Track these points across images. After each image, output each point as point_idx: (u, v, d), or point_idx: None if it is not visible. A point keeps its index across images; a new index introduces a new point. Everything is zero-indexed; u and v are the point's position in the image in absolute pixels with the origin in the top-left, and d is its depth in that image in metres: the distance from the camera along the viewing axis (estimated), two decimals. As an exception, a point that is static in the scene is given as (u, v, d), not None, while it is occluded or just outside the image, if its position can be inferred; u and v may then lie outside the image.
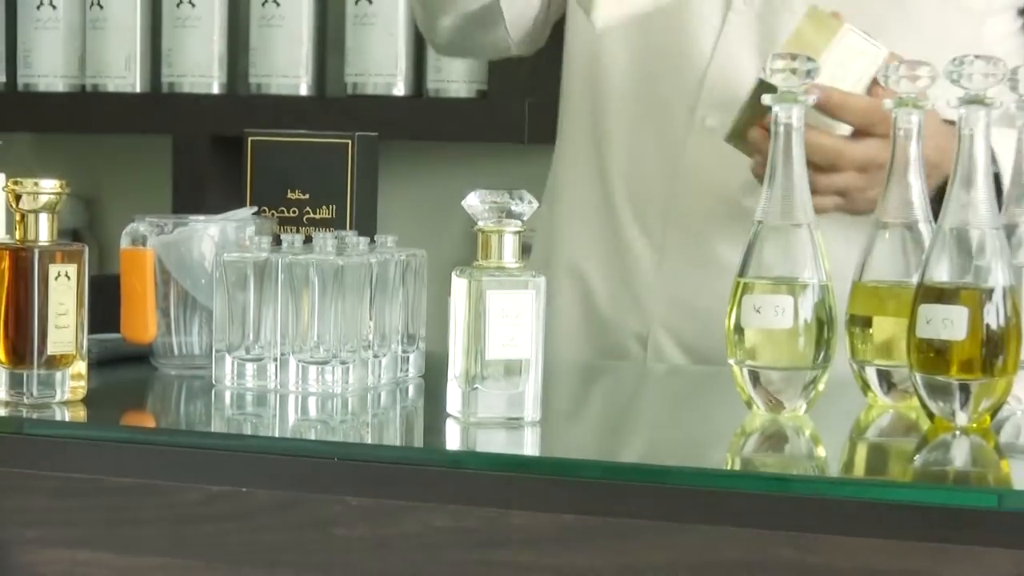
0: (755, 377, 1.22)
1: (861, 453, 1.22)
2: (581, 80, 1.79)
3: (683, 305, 1.46)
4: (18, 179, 1.21)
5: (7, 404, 1.21)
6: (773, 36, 1.62)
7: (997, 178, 1.34)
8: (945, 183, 1.28)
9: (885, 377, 1.25)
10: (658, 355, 1.64)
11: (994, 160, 1.38)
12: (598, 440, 1.24)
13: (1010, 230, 1.21)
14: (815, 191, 1.39)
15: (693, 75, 1.66)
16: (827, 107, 1.41)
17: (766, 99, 1.24)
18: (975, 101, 1.16)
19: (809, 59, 1.24)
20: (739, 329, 1.22)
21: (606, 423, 1.27)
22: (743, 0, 1.59)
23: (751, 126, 1.47)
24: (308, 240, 1.32)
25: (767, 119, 1.34)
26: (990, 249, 1.15)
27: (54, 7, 2.69)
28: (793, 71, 1.22)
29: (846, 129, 1.42)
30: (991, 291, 1.14)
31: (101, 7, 2.66)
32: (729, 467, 1.15)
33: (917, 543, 0.99)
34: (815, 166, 1.40)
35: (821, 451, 1.20)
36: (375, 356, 1.31)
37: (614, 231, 1.64)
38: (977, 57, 1.17)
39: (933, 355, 1.15)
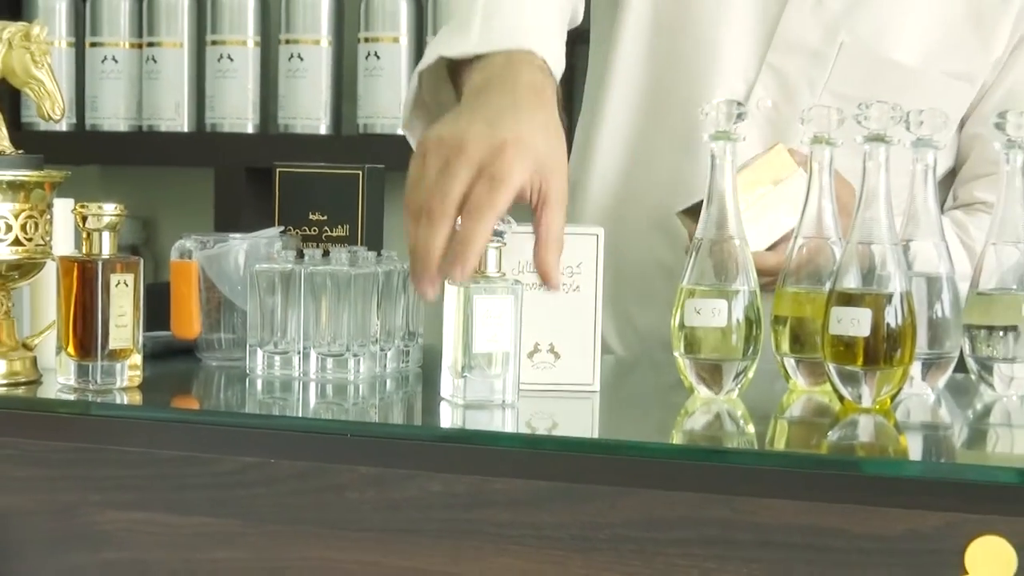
0: (695, 366, 1.23)
1: (783, 429, 1.22)
2: None
3: (663, 342, 1.40)
4: (84, 203, 1.22)
5: (76, 390, 1.21)
6: (781, 127, 1.57)
7: None
8: None
9: (803, 366, 1.25)
10: None
11: None
12: (566, 418, 1.23)
13: (906, 246, 1.22)
14: None
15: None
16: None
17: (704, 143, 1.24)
18: (876, 138, 1.16)
19: (738, 104, 1.24)
20: (682, 326, 1.22)
21: (574, 404, 1.27)
22: (756, 105, 1.53)
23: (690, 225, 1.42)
24: (326, 254, 1.31)
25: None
26: (890, 261, 1.15)
27: (116, 61, 2.67)
28: (727, 115, 1.22)
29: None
30: (890, 296, 1.14)
31: (155, 61, 2.63)
32: (672, 441, 1.15)
33: (829, 504, 1.00)
34: None
35: (750, 428, 1.20)
36: (381, 349, 1.29)
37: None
38: (878, 101, 1.17)
39: (843, 348, 1.15)
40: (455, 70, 1.36)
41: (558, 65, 1.34)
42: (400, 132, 2.48)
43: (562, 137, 1.24)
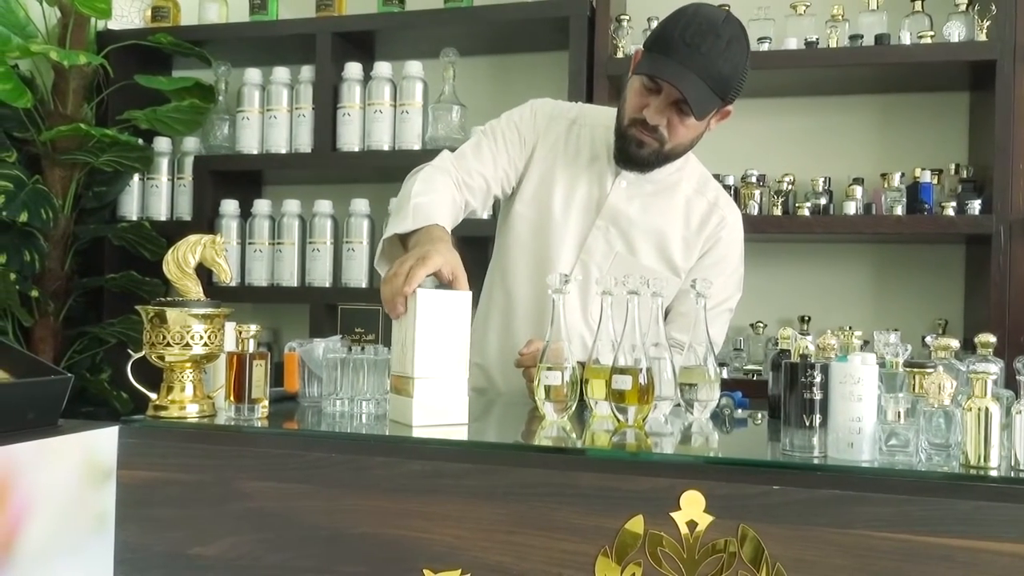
0: (547, 403, 1.21)
1: (591, 436, 1.17)
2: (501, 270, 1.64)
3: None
4: (240, 325, 1.21)
5: (234, 419, 1.19)
6: (585, 289, 1.54)
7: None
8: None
9: (599, 404, 1.22)
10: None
11: None
12: (476, 432, 1.21)
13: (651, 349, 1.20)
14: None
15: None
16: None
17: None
18: (633, 292, 1.16)
19: (566, 277, 1.21)
20: (539, 384, 1.21)
21: (482, 426, 1.27)
22: (574, 278, 1.35)
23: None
24: (362, 349, 1.29)
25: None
26: (640, 353, 1.15)
27: (260, 251, 2.62)
28: (561, 281, 1.21)
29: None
30: (640, 370, 1.15)
31: (281, 251, 2.60)
32: (534, 443, 1.12)
33: (613, 474, 1.00)
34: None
35: (574, 435, 1.17)
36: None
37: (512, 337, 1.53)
38: (640, 276, 1.19)
39: (619, 395, 1.16)
40: (402, 237, 1.40)
41: (450, 227, 1.40)
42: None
43: (457, 255, 1.26)
